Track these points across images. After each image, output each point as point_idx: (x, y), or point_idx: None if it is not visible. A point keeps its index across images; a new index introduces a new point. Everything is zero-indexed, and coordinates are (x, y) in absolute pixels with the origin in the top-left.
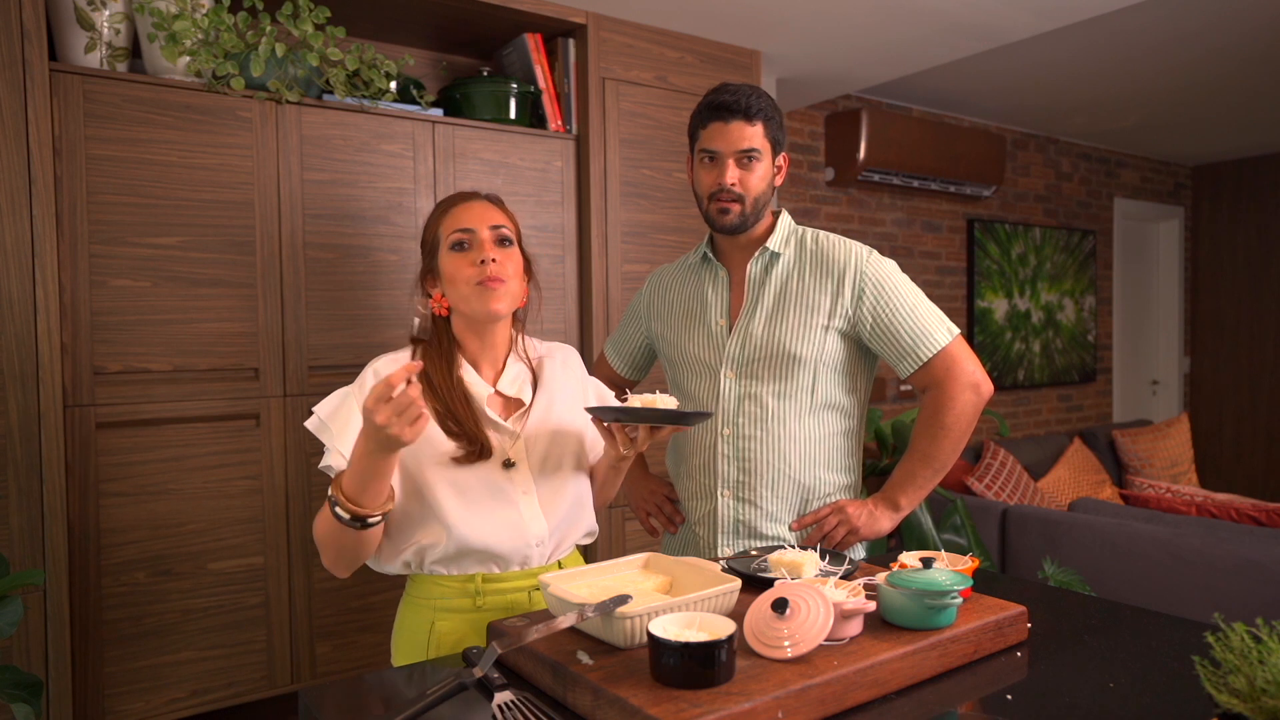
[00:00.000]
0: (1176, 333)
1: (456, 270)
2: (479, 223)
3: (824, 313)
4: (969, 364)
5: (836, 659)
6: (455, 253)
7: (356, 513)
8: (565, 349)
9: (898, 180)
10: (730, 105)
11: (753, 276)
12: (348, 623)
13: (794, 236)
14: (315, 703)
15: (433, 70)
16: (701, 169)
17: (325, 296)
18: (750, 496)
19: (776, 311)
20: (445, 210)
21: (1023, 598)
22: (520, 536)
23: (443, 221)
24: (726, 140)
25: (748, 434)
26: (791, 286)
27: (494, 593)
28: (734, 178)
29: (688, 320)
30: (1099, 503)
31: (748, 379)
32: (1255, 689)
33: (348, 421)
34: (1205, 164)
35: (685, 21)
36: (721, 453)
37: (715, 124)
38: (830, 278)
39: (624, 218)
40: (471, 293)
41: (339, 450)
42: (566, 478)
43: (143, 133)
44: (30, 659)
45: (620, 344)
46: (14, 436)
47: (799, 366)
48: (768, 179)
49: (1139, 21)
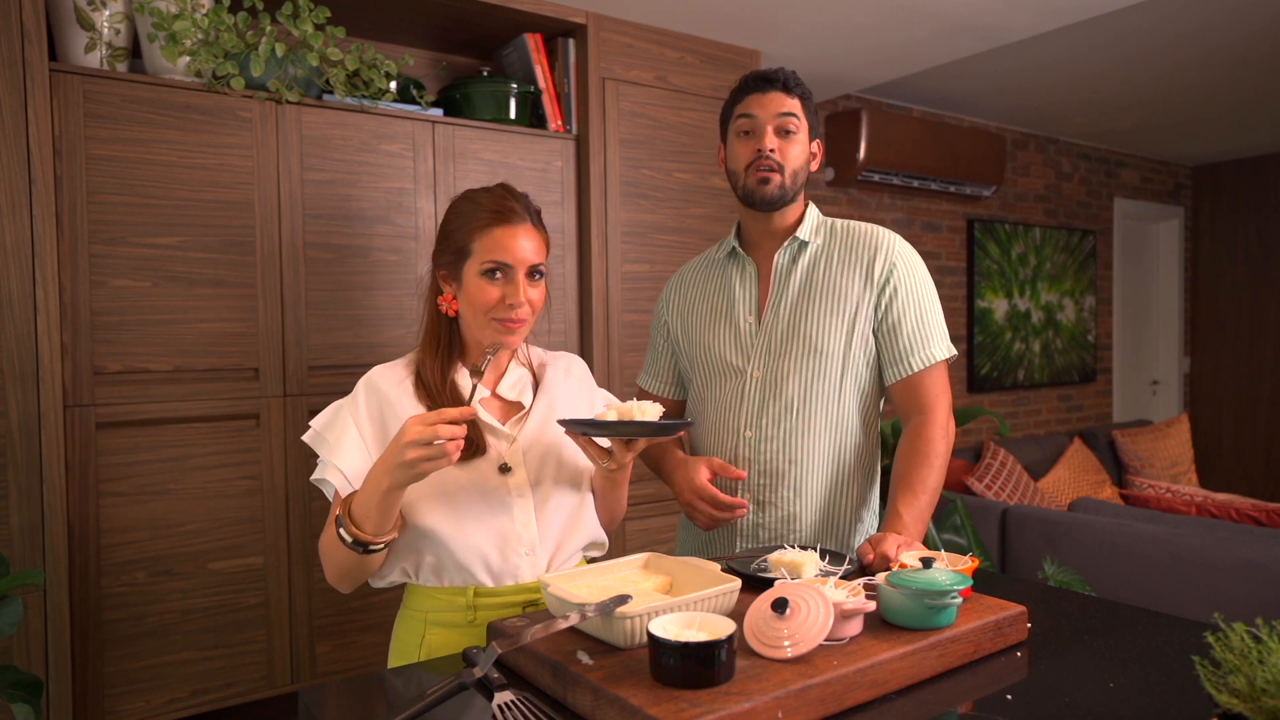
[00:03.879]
0: (1176, 333)
1: (481, 297)
2: (520, 261)
3: (852, 300)
4: (948, 395)
5: (836, 659)
6: (485, 279)
7: (360, 538)
8: (570, 357)
9: (898, 180)
10: (770, 77)
11: (780, 267)
12: (348, 623)
13: (824, 226)
14: (315, 703)
15: (433, 70)
16: (738, 142)
17: (325, 296)
18: (772, 499)
19: (802, 300)
20: (487, 226)
21: (1023, 598)
22: (509, 544)
23: (480, 238)
24: (765, 107)
25: (770, 435)
26: (819, 274)
27: (487, 607)
28: (773, 144)
29: (713, 318)
30: (1099, 503)
31: (774, 378)
32: (1255, 689)
33: (342, 435)
34: (1205, 164)
35: (685, 21)
36: (743, 455)
37: (754, 95)
38: (861, 260)
39: (624, 218)
40: (489, 324)
41: (336, 465)
42: (564, 485)
43: (143, 133)
44: (30, 659)
45: (651, 366)
46: (14, 436)
47: (825, 361)
48: (805, 157)
49: (1139, 22)
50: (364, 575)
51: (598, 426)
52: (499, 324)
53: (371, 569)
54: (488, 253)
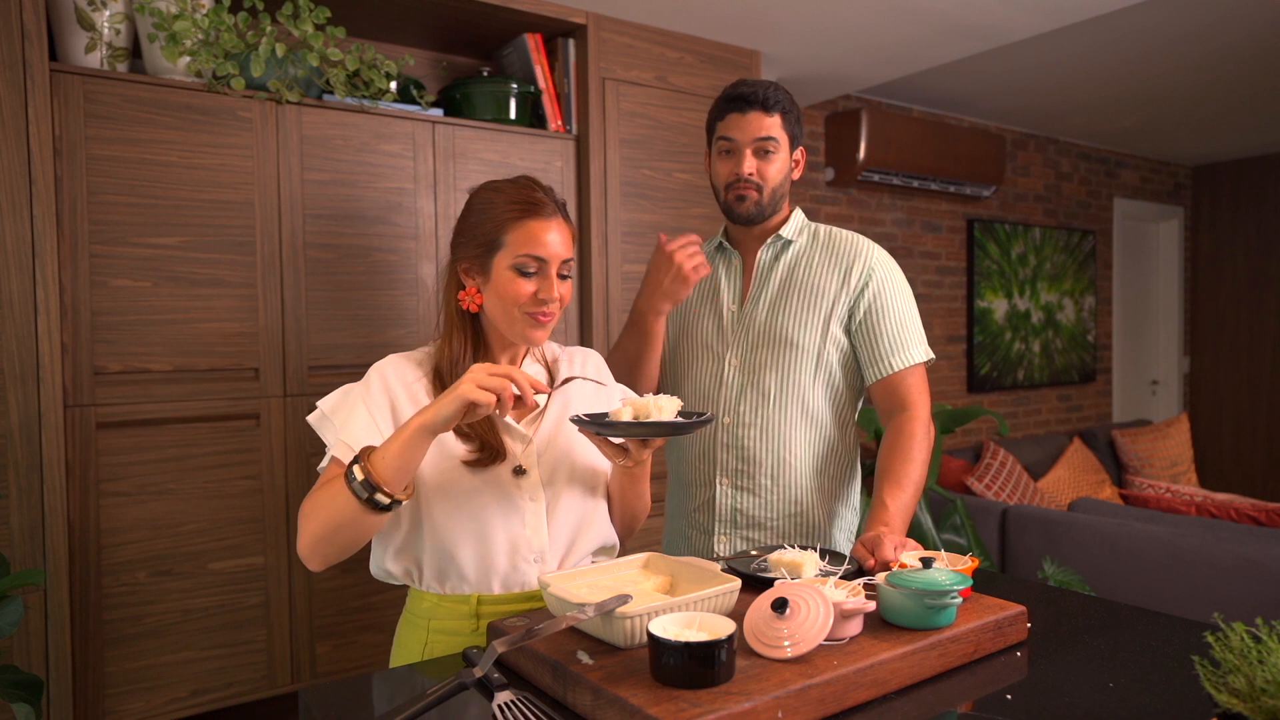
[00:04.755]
0: (1176, 333)
1: (512, 290)
2: (554, 256)
3: (829, 299)
4: (927, 397)
5: (836, 659)
6: (518, 274)
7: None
8: (585, 351)
9: (898, 180)
10: (748, 96)
11: (762, 263)
12: (348, 623)
13: (807, 228)
14: (315, 703)
15: (433, 70)
16: (719, 160)
17: (325, 296)
18: (749, 485)
19: (781, 297)
20: (520, 218)
21: (1022, 598)
22: (518, 551)
23: (513, 230)
24: (744, 130)
25: (748, 422)
26: (799, 272)
27: (491, 616)
28: (751, 167)
29: (700, 303)
30: (1099, 503)
31: (751, 367)
32: (1255, 689)
33: (351, 414)
34: (1205, 164)
35: (685, 21)
36: (721, 441)
37: (733, 115)
38: (840, 264)
39: (624, 218)
40: (519, 319)
41: (344, 442)
42: (578, 488)
43: (143, 133)
44: (30, 659)
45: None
46: (14, 436)
47: (800, 355)
48: (785, 171)
49: (1139, 22)
50: (351, 541)
51: (611, 426)
52: (529, 318)
53: (365, 533)
54: (522, 246)
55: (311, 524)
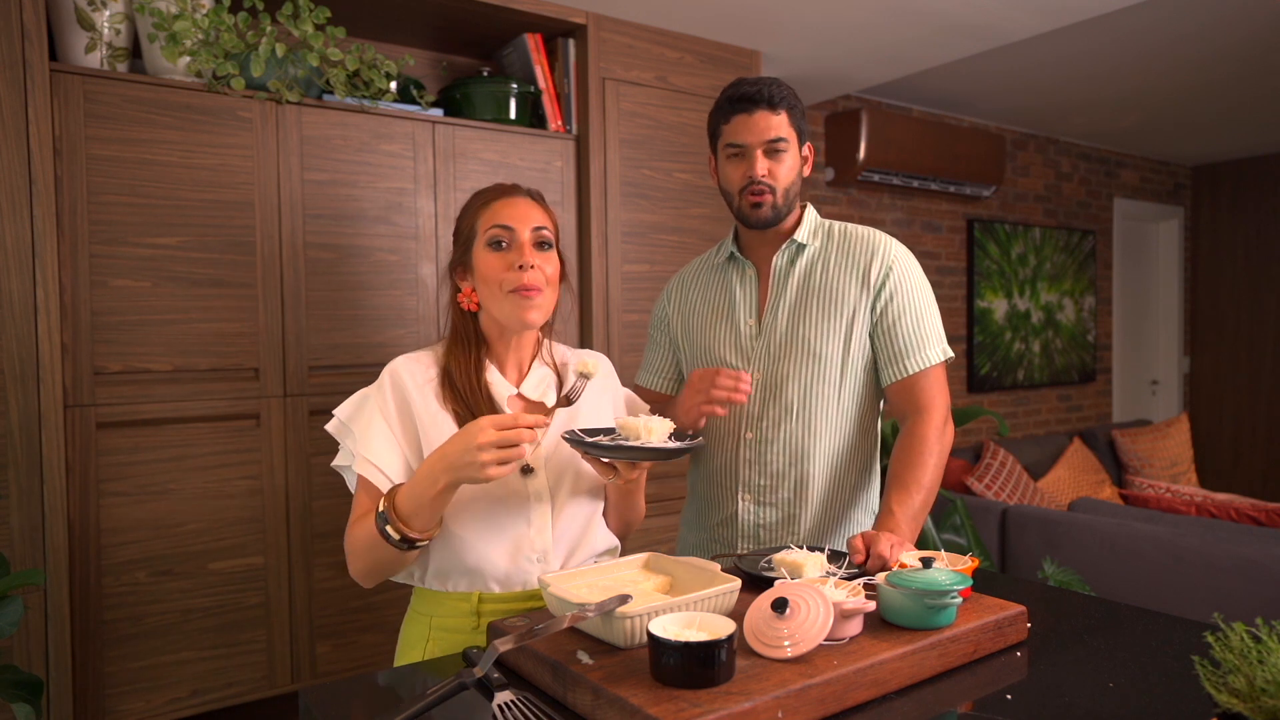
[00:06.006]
0: (1176, 333)
1: (491, 270)
2: (520, 223)
3: (849, 304)
4: (945, 397)
5: (836, 659)
6: (492, 251)
7: (407, 535)
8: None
9: (898, 180)
10: (753, 96)
11: (778, 269)
12: (348, 623)
13: (821, 228)
14: (315, 703)
15: (433, 70)
16: (728, 164)
17: (325, 296)
18: (772, 500)
19: (800, 303)
20: (485, 203)
21: (1023, 598)
22: (521, 550)
23: (482, 215)
24: (752, 131)
25: (770, 438)
26: (816, 276)
27: (493, 614)
28: (764, 169)
29: (714, 319)
30: (1099, 503)
31: (773, 381)
32: (1255, 689)
33: (369, 426)
34: (1205, 164)
35: (685, 21)
36: (743, 457)
37: (739, 117)
38: (858, 264)
39: (624, 218)
40: (505, 299)
41: (367, 459)
42: (583, 491)
43: (143, 133)
44: (30, 659)
45: (652, 364)
46: (14, 436)
47: (824, 365)
48: (796, 169)
49: (1139, 22)
50: (397, 571)
51: (598, 447)
52: (514, 296)
53: (405, 565)
54: (488, 224)
55: (359, 563)
